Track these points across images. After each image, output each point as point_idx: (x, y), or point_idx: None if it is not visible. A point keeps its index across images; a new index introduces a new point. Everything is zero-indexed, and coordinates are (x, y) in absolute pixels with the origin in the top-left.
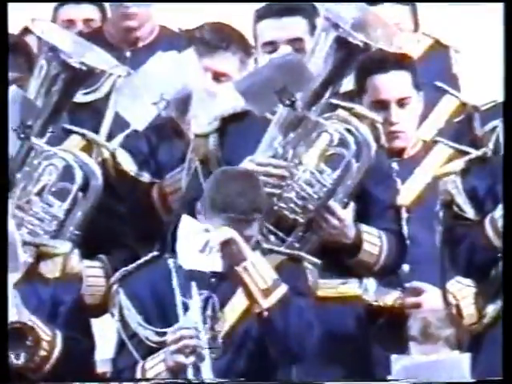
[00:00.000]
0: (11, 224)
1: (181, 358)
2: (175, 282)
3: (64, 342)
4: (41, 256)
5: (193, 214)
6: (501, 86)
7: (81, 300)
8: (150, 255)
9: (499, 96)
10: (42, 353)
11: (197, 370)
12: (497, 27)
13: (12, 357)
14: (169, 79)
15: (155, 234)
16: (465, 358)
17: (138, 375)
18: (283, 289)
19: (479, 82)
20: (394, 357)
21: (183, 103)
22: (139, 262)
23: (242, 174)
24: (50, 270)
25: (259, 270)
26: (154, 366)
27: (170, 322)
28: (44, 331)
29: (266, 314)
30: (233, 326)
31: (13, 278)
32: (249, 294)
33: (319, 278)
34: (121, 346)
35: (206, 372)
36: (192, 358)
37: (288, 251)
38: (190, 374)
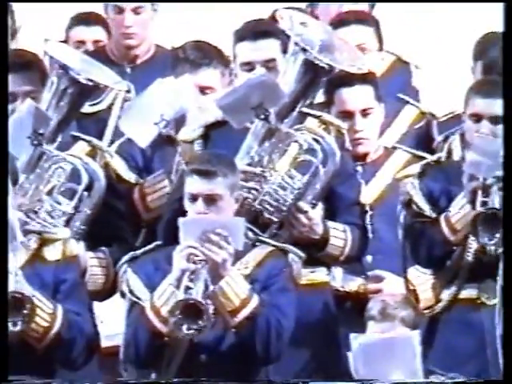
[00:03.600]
0: (11, 212)
1: (183, 264)
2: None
3: (64, 314)
4: (43, 242)
5: (178, 212)
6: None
7: (79, 278)
8: (154, 244)
9: (455, 106)
10: (44, 324)
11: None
12: (456, 41)
13: (10, 324)
14: (168, 101)
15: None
16: (415, 336)
17: (148, 308)
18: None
19: (438, 94)
20: (352, 335)
21: (180, 121)
22: (145, 249)
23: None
24: (52, 253)
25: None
26: (165, 285)
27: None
28: (46, 305)
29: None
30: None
31: (18, 260)
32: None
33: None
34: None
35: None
36: (193, 266)
37: (276, 243)
38: (185, 280)
